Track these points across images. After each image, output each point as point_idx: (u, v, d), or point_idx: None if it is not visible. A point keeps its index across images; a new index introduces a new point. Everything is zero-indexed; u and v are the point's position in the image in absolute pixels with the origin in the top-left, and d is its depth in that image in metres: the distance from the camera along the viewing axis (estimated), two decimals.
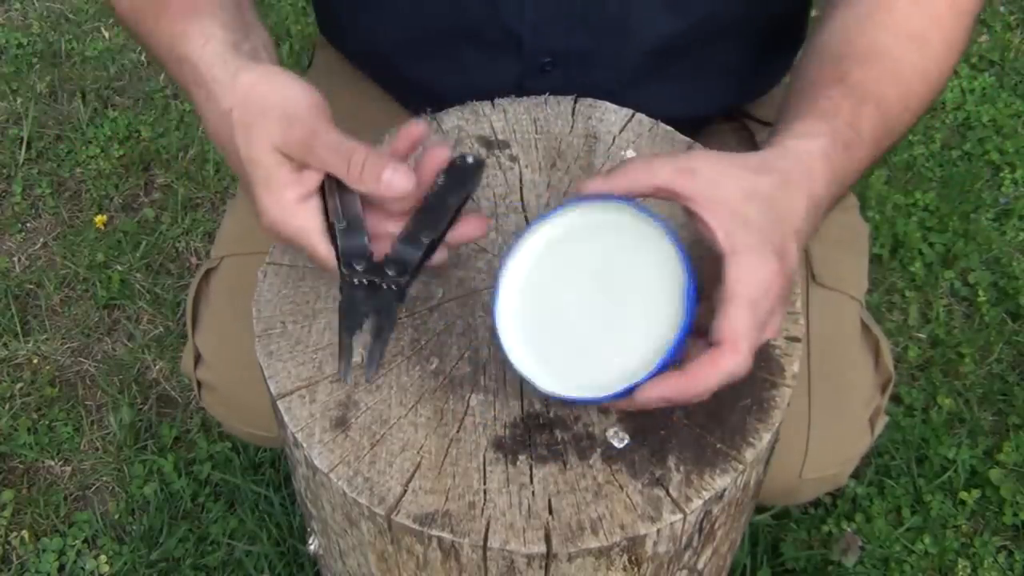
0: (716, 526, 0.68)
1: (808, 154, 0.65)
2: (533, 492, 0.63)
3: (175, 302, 1.66)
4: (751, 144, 1.00)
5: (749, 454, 0.65)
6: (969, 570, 1.34)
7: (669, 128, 0.83)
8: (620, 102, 0.86)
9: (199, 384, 1.02)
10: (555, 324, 0.65)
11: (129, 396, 1.53)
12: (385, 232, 0.69)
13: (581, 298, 0.65)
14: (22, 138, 1.91)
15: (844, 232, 1.01)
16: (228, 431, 1.23)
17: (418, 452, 0.65)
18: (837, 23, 0.77)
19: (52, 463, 1.47)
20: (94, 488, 1.45)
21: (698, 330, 0.61)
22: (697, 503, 0.63)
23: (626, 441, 0.65)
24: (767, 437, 0.66)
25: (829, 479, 0.97)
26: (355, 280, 0.67)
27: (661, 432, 0.66)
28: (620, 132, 0.83)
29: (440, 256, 0.70)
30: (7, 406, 1.53)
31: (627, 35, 0.86)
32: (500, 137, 0.83)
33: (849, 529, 1.38)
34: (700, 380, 0.58)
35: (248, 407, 0.97)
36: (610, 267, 0.64)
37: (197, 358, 1.00)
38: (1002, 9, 2.18)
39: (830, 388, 0.92)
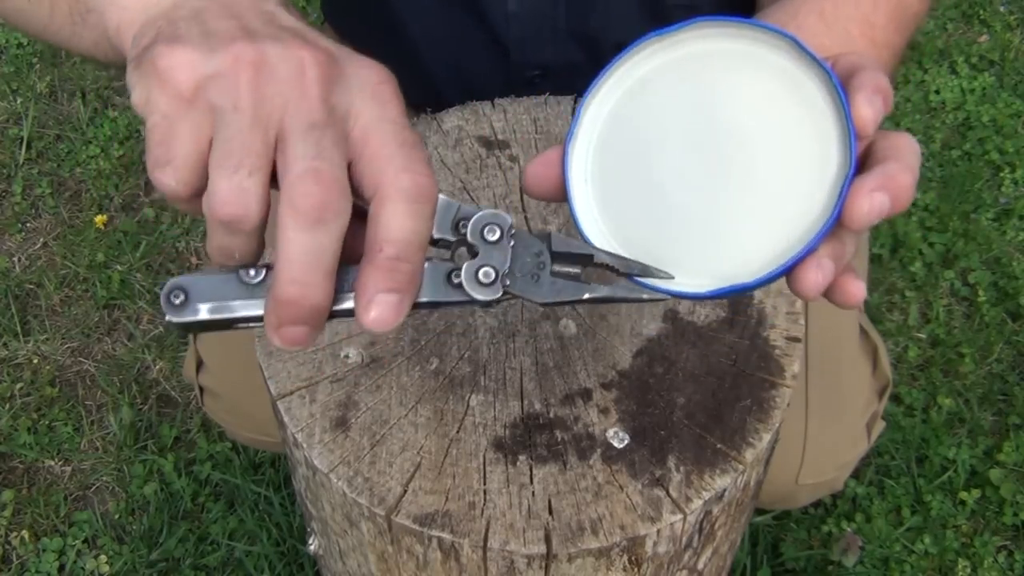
0: (716, 526, 0.68)
1: None
2: (533, 492, 0.63)
3: None
4: None
5: (749, 454, 0.65)
6: (969, 570, 1.34)
7: None
8: None
9: (201, 390, 1.02)
10: (658, 209, 0.50)
11: (129, 396, 1.53)
12: None
13: (686, 163, 0.50)
14: (22, 138, 1.91)
15: None
16: (230, 436, 1.24)
17: (418, 452, 0.65)
18: None
19: (52, 463, 1.47)
20: (94, 488, 1.45)
21: None
22: (697, 503, 0.63)
23: (626, 441, 0.65)
24: (767, 437, 0.66)
25: (826, 484, 0.97)
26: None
27: (661, 432, 0.66)
28: None
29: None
30: (7, 406, 1.53)
31: (613, 48, 0.86)
32: (500, 137, 0.83)
33: (849, 529, 1.38)
34: (907, 164, 0.46)
35: (250, 413, 0.97)
36: (719, 114, 0.49)
37: (199, 364, 1.00)
38: (1002, 9, 2.18)
39: (827, 393, 0.92)
